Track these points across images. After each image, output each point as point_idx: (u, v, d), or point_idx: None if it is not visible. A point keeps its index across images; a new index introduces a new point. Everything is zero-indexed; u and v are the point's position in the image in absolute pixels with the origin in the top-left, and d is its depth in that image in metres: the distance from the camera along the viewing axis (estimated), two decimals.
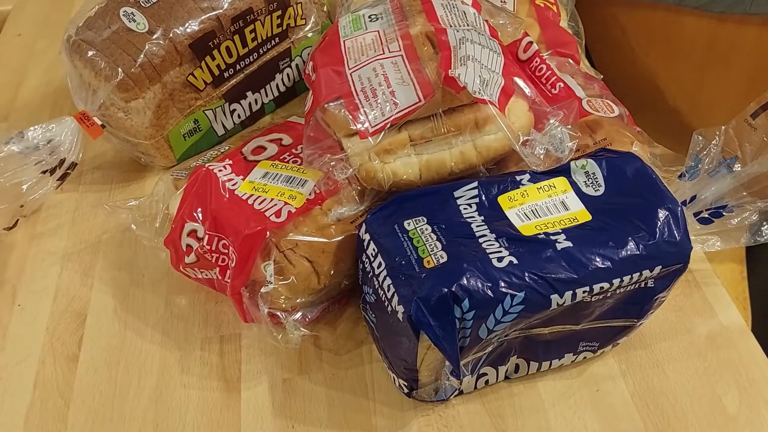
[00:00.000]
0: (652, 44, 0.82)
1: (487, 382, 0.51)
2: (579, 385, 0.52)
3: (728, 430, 0.49)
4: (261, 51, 0.69)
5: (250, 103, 0.72)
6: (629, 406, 0.51)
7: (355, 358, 0.54)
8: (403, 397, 0.51)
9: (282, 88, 0.74)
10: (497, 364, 0.50)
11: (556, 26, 0.70)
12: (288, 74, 0.73)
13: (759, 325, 0.76)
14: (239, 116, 0.71)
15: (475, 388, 0.51)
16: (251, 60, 0.69)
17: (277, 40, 0.70)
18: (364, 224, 0.49)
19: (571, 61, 0.65)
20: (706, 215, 0.54)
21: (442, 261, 0.44)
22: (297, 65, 0.74)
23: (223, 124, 0.70)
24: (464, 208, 0.48)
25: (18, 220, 0.65)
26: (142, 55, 0.61)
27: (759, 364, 0.52)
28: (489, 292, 0.43)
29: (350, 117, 0.49)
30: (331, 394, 0.52)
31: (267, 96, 0.73)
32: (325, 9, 0.75)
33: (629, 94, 0.77)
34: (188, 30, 0.62)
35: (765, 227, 0.54)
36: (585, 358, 0.52)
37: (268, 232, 0.50)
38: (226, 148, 0.60)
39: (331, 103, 0.50)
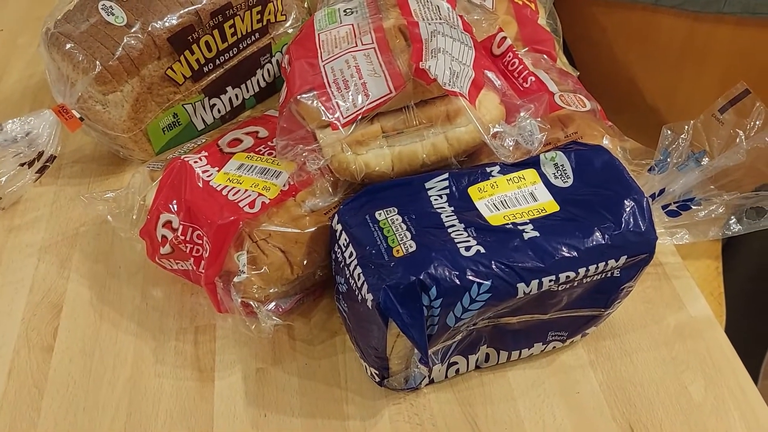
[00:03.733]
0: (630, 43, 0.83)
1: (457, 371, 0.52)
2: (548, 375, 0.52)
3: (693, 417, 0.50)
4: (241, 46, 0.69)
5: (230, 98, 0.72)
6: (597, 394, 0.51)
7: (329, 348, 0.55)
8: (375, 386, 0.52)
9: (263, 84, 0.74)
10: (467, 353, 0.51)
11: (533, 24, 0.70)
12: (269, 70, 0.74)
13: (733, 320, 0.77)
14: (219, 111, 0.72)
15: (446, 377, 0.52)
16: (231, 55, 0.69)
17: (257, 35, 0.70)
18: (336, 215, 0.50)
19: (546, 57, 0.66)
20: (674, 208, 0.55)
21: (411, 250, 0.45)
22: (278, 61, 0.74)
23: (202, 118, 0.71)
24: (435, 199, 0.49)
25: None
26: (120, 48, 0.61)
27: (725, 353, 0.53)
28: (456, 281, 0.44)
29: (323, 108, 0.50)
30: (303, 384, 0.52)
31: (248, 91, 0.73)
32: (306, 5, 0.75)
33: (608, 92, 0.78)
34: (167, 24, 0.63)
35: (732, 221, 0.55)
36: (554, 347, 0.53)
37: (241, 222, 0.51)
38: (203, 140, 0.60)
39: (304, 95, 0.51)
